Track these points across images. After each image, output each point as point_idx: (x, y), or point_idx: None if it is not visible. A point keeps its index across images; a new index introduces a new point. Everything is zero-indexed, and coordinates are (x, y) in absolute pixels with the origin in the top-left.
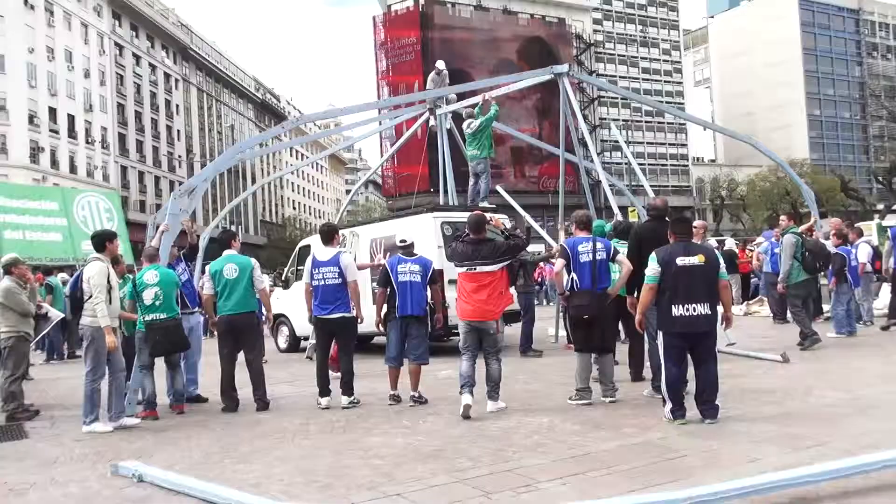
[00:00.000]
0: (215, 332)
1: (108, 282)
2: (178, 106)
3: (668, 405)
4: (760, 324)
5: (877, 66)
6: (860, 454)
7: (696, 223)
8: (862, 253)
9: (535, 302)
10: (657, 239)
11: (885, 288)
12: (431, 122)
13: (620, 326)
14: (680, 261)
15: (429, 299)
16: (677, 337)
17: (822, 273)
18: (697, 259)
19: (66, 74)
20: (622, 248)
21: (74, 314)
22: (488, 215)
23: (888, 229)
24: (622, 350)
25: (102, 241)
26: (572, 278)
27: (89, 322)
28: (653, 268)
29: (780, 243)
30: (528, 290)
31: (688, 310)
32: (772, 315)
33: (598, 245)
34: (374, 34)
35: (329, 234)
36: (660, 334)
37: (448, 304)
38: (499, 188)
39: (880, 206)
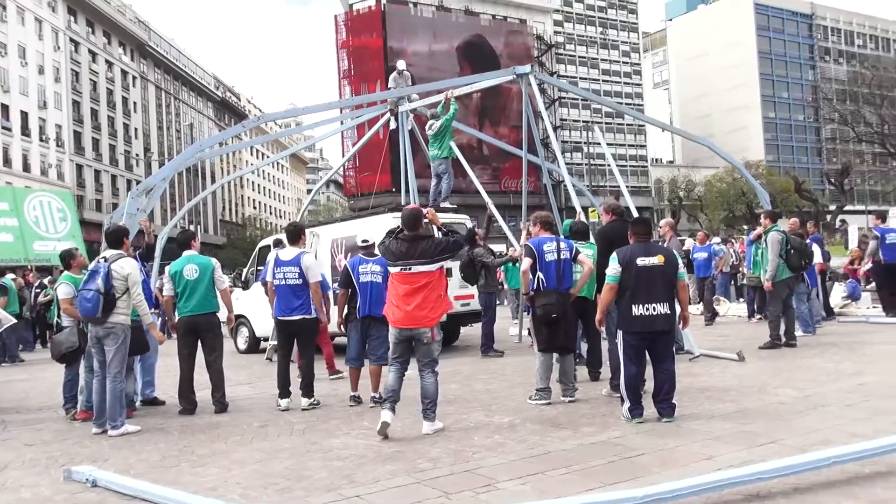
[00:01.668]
0: (173, 334)
1: None
2: (135, 103)
3: (627, 404)
4: (718, 322)
5: (829, 70)
6: (811, 451)
7: (663, 222)
8: (816, 253)
9: (497, 302)
10: (625, 238)
11: (837, 287)
12: (392, 125)
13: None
14: (640, 261)
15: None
16: (636, 336)
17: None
18: (657, 259)
19: (19, 70)
20: (583, 249)
21: (105, 313)
22: (425, 210)
23: (872, 229)
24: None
25: (120, 237)
26: (539, 277)
27: (122, 320)
28: (613, 268)
29: (703, 248)
30: (491, 289)
31: (647, 309)
32: (704, 316)
33: (562, 245)
34: (335, 34)
35: (295, 234)
36: (619, 333)
37: None
38: (475, 179)
39: (832, 207)
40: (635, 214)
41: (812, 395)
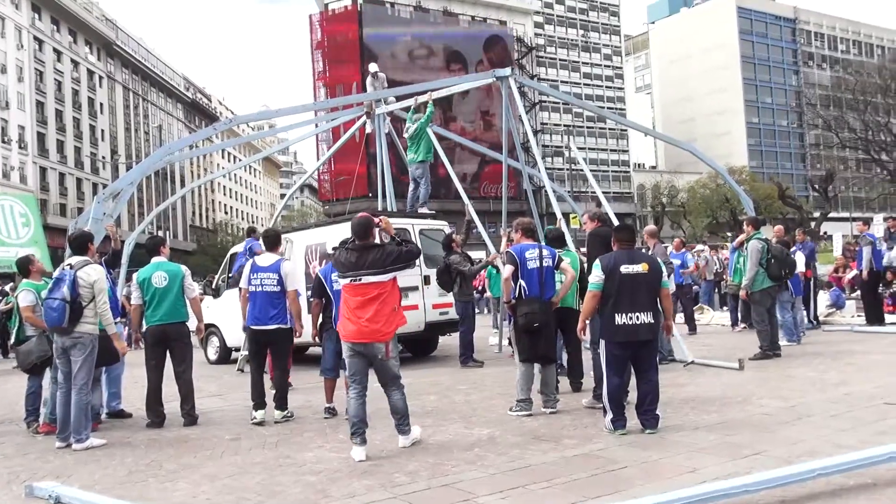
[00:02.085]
0: (139, 345)
1: None
2: (102, 105)
3: (609, 415)
4: (702, 331)
5: (812, 75)
6: (796, 462)
7: (646, 230)
8: (799, 260)
9: (476, 310)
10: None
11: (822, 295)
12: (368, 129)
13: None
14: (624, 269)
15: None
16: (619, 346)
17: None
18: (641, 268)
19: None
20: (564, 257)
21: (72, 322)
22: (377, 218)
23: (865, 235)
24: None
25: (84, 242)
26: (521, 285)
27: (90, 329)
28: (597, 275)
29: (677, 255)
30: (467, 297)
31: (630, 318)
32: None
33: (545, 252)
34: (310, 33)
35: (274, 240)
36: (602, 343)
37: None
38: (456, 181)
39: (816, 214)
40: (616, 222)
41: (797, 405)
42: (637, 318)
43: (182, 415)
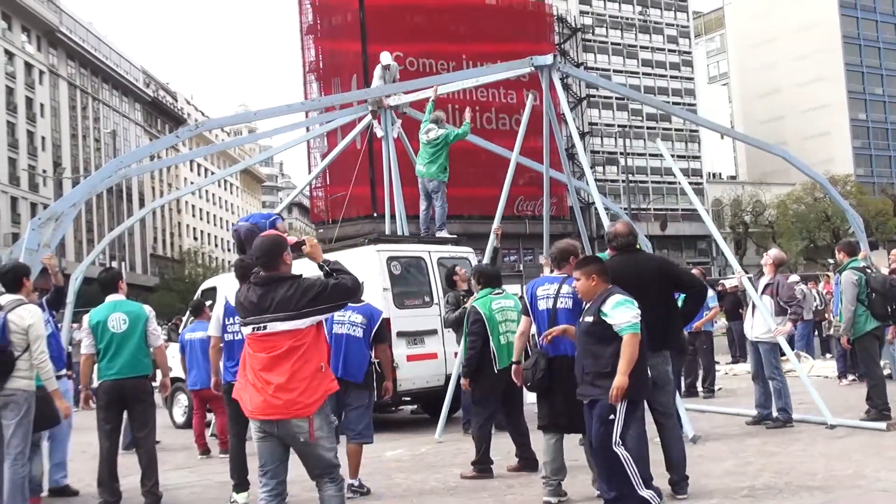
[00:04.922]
0: (90, 403)
1: None
2: (42, 106)
3: (646, 491)
4: (800, 384)
5: None
6: None
7: (771, 253)
8: None
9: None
10: (637, 276)
11: None
12: (377, 131)
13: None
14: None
15: (372, 359)
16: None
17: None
18: None
19: None
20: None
21: (2, 377)
22: (295, 237)
23: None
24: None
25: (18, 277)
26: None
27: (24, 385)
28: (636, 313)
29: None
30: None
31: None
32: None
33: (565, 289)
34: (299, 16)
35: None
36: (623, 405)
37: (397, 364)
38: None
39: None
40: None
41: None
42: None
43: (143, 492)
